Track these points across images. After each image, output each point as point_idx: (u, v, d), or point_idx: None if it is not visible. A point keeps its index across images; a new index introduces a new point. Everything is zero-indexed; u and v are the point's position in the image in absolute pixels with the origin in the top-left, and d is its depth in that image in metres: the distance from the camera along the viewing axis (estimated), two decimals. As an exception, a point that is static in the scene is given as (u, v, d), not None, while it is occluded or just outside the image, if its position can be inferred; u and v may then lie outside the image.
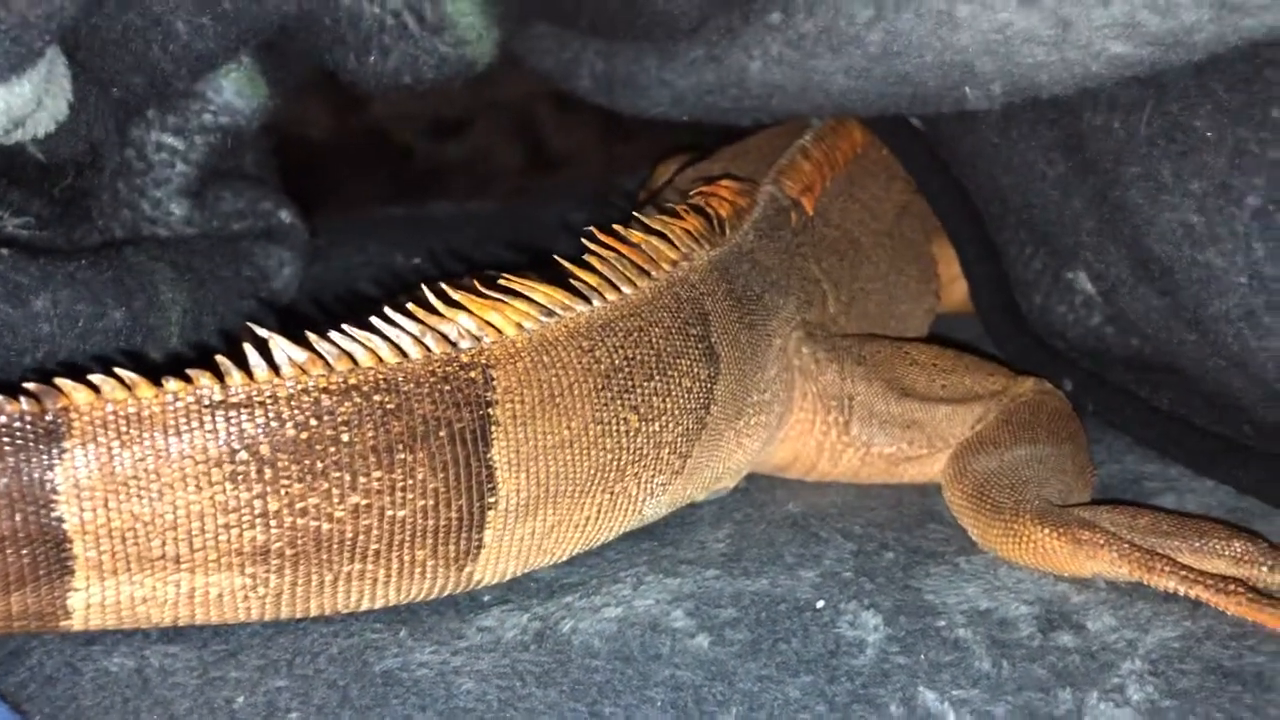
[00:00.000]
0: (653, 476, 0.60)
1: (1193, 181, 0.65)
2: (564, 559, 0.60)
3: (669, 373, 0.60)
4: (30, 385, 0.47)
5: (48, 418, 0.47)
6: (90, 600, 0.49)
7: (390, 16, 0.73)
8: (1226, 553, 0.60)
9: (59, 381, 0.47)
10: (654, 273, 0.61)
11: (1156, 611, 0.58)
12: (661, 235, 0.63)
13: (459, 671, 0.53)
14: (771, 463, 0.72)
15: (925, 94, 0.72)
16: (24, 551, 0.47)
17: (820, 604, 0.59)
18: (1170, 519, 0.62)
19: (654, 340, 0.59)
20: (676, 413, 0.60)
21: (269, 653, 0.54)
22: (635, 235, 0.61)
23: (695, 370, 0.61)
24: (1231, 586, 0.57)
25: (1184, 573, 0.58)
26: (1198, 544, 0.60)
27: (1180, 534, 0.61)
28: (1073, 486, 0.67)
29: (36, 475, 0.46)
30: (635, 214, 0.66)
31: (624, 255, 0.60)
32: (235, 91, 0.76)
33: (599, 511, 0.59)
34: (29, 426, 0.46)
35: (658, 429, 0.59)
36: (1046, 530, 0.61)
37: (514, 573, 0.58)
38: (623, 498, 0.59)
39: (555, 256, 0.58)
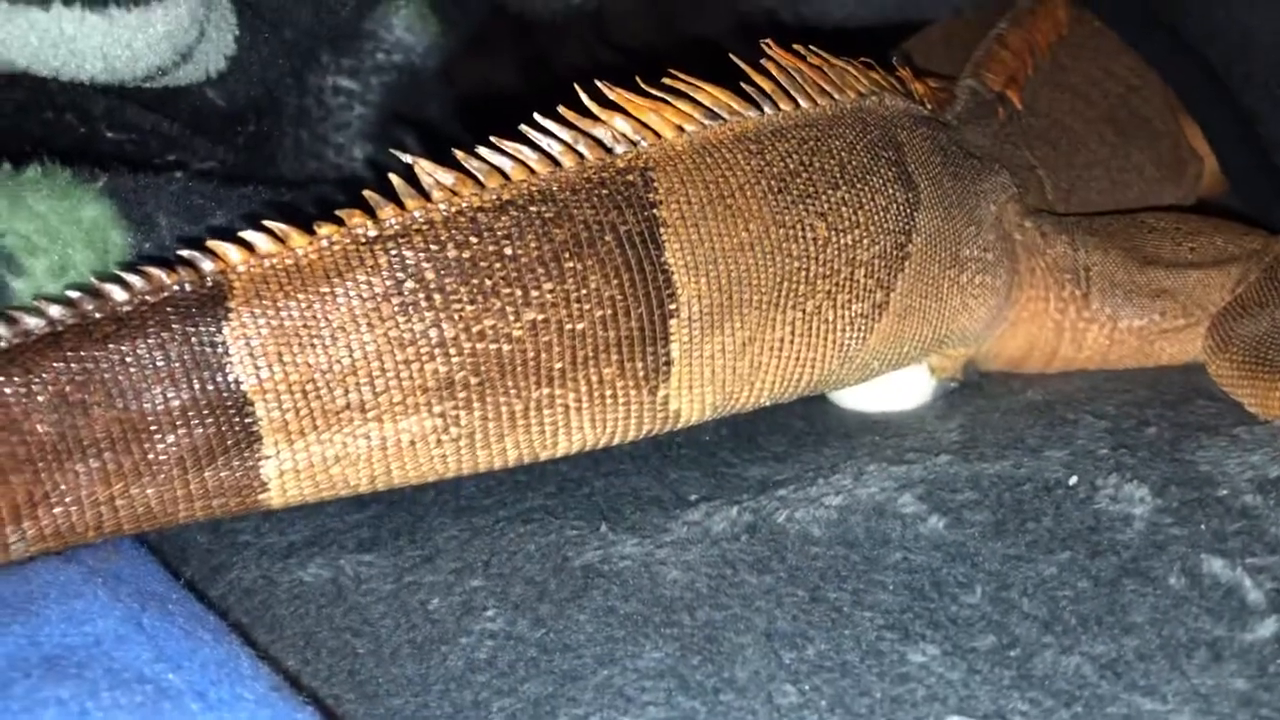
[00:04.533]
0: (850, 301, 0.54)
1: None
2: (765, 396, 0.54)
3: (857, 186, 0.54)
4: (183, 253, 0.45)
5: (207, 282, 0.45)
6: (283, 466, 0.47)
7: None
8: None
9: (211, 244, 0.46)
10: (837, 95, 0.55)
11: None
12: (848, 72, 0.57)
13: (665, 562, 0.48)
14: (1006, 355, 0.65)
15: None
16: (208, 421, 0.45)
17: (1073, 480, 0.51)
18: None
19: (835, 151, 0.54)
20: (871, 229, 0.54)
21: (465, 555, 0.50)
22: (818, 59, 0.56)
23: (889, 190, 0.55)
24: None
25: None
26: None
27: None
28: None
29: (205, 339, 0.45)
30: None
31: (804, 72, 0.54)
32: (405, 28, 0.75)
33: (793, 333, 0.53)
34: (190, 293, 0.45)
35: (850, 243, 0.53)
36: None
37: (714, 405, 0.53)
38: (818, 320, 0.53)
39: (730, 54, 0.53)
